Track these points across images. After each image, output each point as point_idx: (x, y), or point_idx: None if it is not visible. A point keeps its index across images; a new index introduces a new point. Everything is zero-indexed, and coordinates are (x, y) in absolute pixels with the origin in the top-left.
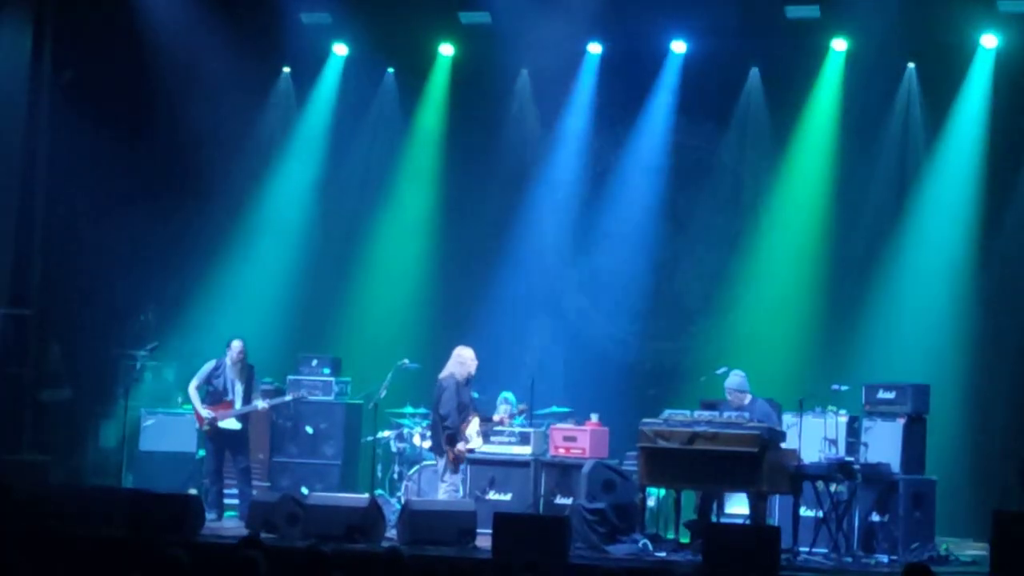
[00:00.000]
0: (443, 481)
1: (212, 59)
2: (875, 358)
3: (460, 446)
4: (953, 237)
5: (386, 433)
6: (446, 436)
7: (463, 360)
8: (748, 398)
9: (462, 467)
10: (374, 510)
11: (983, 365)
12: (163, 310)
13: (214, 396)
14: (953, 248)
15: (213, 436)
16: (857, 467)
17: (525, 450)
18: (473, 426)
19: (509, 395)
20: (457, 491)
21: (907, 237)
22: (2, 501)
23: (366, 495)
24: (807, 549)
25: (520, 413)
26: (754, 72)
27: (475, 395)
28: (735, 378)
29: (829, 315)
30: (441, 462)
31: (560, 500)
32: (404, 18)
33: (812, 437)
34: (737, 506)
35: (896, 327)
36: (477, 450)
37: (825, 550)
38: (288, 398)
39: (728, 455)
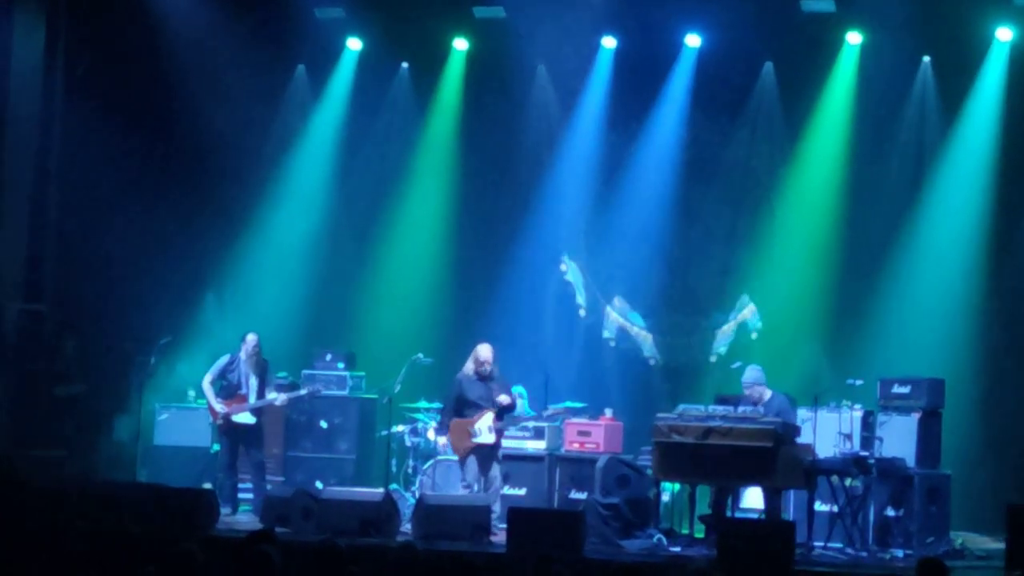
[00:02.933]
0: (462, 482)
1: (226, 53)
2: (890, 352)
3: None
4: (968, 231)
5: (400, 428)
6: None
7: (473, 357)
8: (767, 393)
9: (473, 464)
10: (388, 505)
11: (998, 359)
12: (177, 304)
13: (228, 390)
14: (968, 242)
15: (227, 430)
16: (872, 461)
17: (539, 445)
18: (484, 420)
19: (520, 389)
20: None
21: (921, 231)
22: (17, 495)
23: (380, 490)
24: (822, 544)
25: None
26: (768, 66)
27: None
28: (752, 373)
29: (843, 309)
30: None
31: (574, 495)
32: (418, 13)
33: (827, 432)
34: (752, 501)
35: (911, 321)
36: (482, 443)
37: (840, 544)
38: (302, 392)
39: (743, 450)
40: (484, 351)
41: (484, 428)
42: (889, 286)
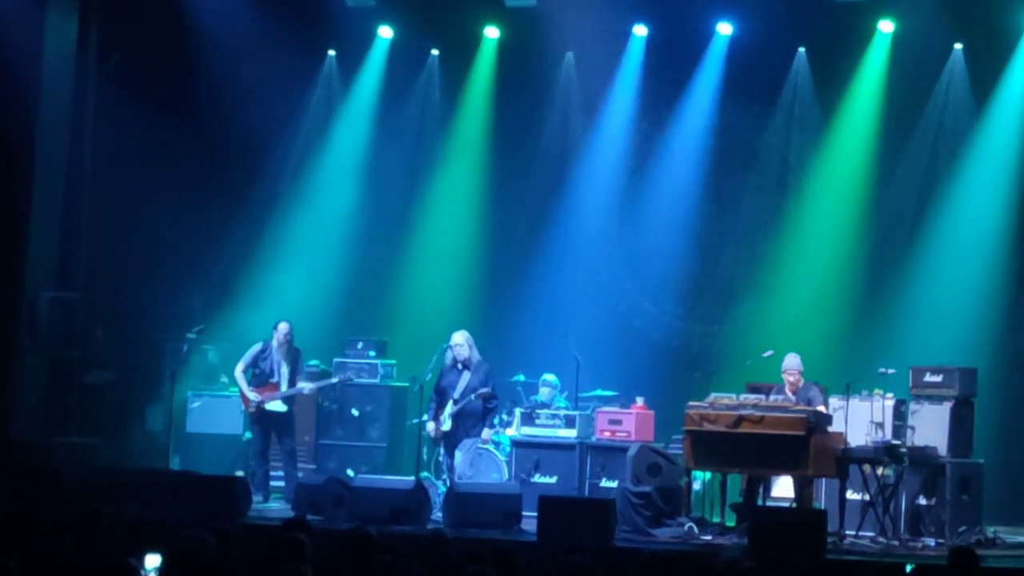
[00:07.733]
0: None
1: (257, 42)
2: (922, 340)
3: (429, 426)
4: (999, 219)
5: None
6: None
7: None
8: (802, 381)
9: (503, 451)
10: (419, 493)
11: None
12: (209, 293)
13: (260, 378)
14: (999, 230)
15: (259, 418)
16: (904, 450)
17: (570, 433)
18: (448, 409)
19: (551, 377)
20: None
21: (952, 219)
22: (50, 484)
23: (411, 478)
24: (853, 532)
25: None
26: (801, 54)
27: (521, 378)
28: (793, 359)
29: (875, 297)
30: None
31: (605, 483)
32: (449, 1)
33: (859, 420)
34: (783, 489)
35: (943, 309)
36: (446, 431)
37: (872, 533)
38: (334, 381)
39: (774, 438)
40: (453, 337)
41: (447, 417)
42: (920, 274)
